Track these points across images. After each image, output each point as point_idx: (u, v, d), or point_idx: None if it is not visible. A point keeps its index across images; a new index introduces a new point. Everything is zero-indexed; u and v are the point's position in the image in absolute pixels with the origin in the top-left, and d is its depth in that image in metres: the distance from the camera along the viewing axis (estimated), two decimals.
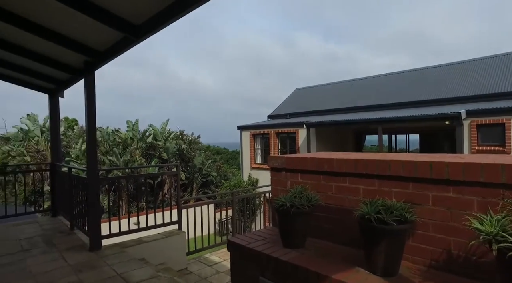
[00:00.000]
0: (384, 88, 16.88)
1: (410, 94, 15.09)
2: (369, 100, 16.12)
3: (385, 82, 17.52)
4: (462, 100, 13.17)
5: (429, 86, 15.01)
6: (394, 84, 16.84)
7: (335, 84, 20.54)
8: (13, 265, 3.68)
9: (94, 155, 4.23)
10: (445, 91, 14.19)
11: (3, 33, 3.95)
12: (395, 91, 15.98)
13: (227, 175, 23.82)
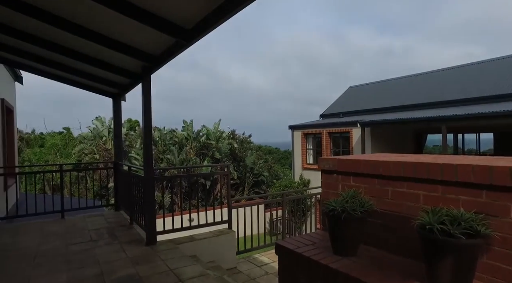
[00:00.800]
0: (448, 83, 15.43)
1: (481, 88, 13.58)
2: (431, 97, 14.87)
3: (449, 77, 16.02)
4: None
5: (503, 79, 13.35)
6: (459, 78, 15.31)
7: (392, 81, 19.34)
8: (84, 252, 4.04)
9: (150, 154, 4.47)
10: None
11: (75, 45, 4.36)
12: (460, 86, 14.51)
13: (279, 175, 23.79)
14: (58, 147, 19.05)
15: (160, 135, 19.66)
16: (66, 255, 3.98)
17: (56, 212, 5.87)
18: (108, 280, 3.24)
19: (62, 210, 5.89)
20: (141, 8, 3.04)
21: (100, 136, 18.66)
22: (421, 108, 14.50)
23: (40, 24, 3.69)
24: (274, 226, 13.22)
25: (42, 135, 21.59)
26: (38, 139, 19.74)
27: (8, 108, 7.00)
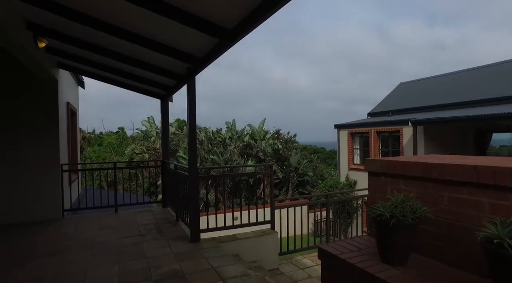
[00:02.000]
0: None
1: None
2: (495, 92, 13.45)
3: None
4: None
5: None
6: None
7: (448, 76, 17.85)
8: (134, 246, 4.27)
9: (195, 153, 4.58)
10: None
11: (127, 51, 4.62)
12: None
13: (324, 175, 23.22)
14: (114, 146, 20.55)
15: (206, 135, 20.26)
16: (118, 247, 4.23)
17: (110, 207, 6.30)
18: (154, 274, 3.37)
19: (116, 205, 6.30)
20: (185, 12, 3.11)
21: (149, 136, 19.77)
22: (483, 104, 13.18)
23: (97, 33, 3.96)
24: (318, 227, 12.91)
25: (101, 134, 23.42)
26: (98, 138, 21.47)
27: (72, 111, 7.65)
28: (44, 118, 5.79)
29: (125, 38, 3.92)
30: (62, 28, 4.32)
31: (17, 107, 5.62)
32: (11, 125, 5.58)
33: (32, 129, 5.70)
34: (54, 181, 5.81)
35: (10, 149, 5.55)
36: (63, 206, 5.91)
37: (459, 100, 14.31)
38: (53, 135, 5.85)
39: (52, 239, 4.67)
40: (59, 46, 4.96)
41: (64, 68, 6.16)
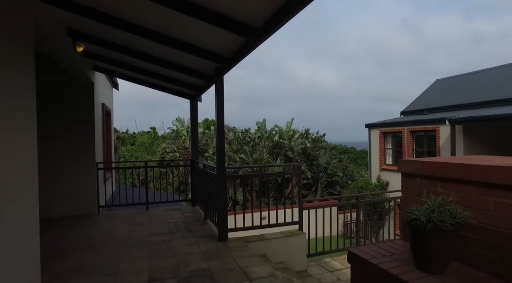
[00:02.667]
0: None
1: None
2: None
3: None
4: None
5: None
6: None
7: (489, 71, 16.72)
8: (163, 243, 4.37)
9: (223, 153, 4.60)
10: None
11: (160, 53, 4.75)
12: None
13: (354, 175, 22.65)
14: (146, 145, 21.28)
15: (234, 135, 20.44)
16: (149, 244, 4.35)
17: (142, 204, 6.51)
18: (182, 271, 3.42)
19: (147, 203, 6.50)
20: (213, 11, 3.13)
21: (179, 136, 20.26)
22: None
23: (129, 36, 4.10)
24: (348, 229, 12.60)
25: (134, 134, 24.34)
26: (131, 138, 22.36)
27: (107, 111, 8.00)
28: (82, 119, 6.09)
29: (155, 40, 4.01)
30: (98, 33, 4.51)
31: (58, 109, 5.95)
32: (52, 125, 5.92)
33: (70, 129, 6.01)
34: (91, 179, 6.09)
35: (51, 148, 5.89)
36: (98, 203, 6.19)
37: (501, 97, 13.37)
38: (90, 135, 6.14)
39: (89, 234, 4.90)
40: (95, 50, 5.18)
41: (100, 70, 6.44)
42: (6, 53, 2.59)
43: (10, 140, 2.55)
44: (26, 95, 2.89)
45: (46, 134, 5.88)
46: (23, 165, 2.81)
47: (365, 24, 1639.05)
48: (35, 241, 2.95)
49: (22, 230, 2.73)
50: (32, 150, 2.97)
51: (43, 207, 5.77)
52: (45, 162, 5.84)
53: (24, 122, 2.82)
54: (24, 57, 2.89)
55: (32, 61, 3.04)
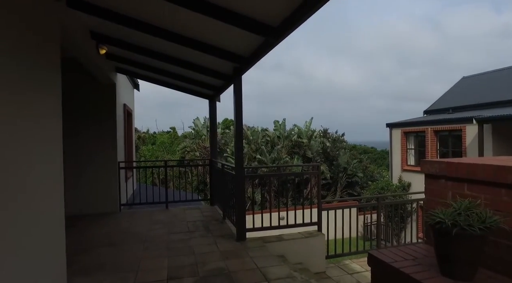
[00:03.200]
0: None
1: None
2: None
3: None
4: None
5: None
6: None
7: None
8: (182, 242, 4.42)
9: (241, 152, 4.60)
10: None
11: (180, 54, 4.81)
12: None
13: (374, 176, 22.17)
14: (166, 145, 21.68)
15: (253, 135, 20.46)
16: (168, 242, 4.41)
17: (161, 203, 6.62)
18: (201, 270, 3.45)
19: (166, 202, 6.61)
20: (230, 11, 3.13)
21: (199, 135, 20.51)
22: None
23: (149, 38, 4.17)
24: (368, 231, 12.35)
25: (155, 134, 24.84)
26: (151, 137, 22.84)
27: (128, 112, 8.20)
28: (104, 119, 6.26)
29: (175, 41, 4.06)
30: (119, 35, 4.62)
31: (81, 109, 6.14)
32: (76, 126, 6.11)
33: (93, 129, 6.19)
34: (112, 178, 6.25)
35: (76, 147, 6.08)
36: (120, 201, 6.35)
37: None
38: (111, 134, 6.30)
39: (111, 231, 5.03)
40: (117, 52, 5.31)
41: (121, 72, 6.60)
42: (35, 56, 2.69)
43: (39, 140, 2.64)
44: (53, 97, 2.99)
45: (70, 134, 6.08)
46: (51, 165, 2.91)
47: (386, 21, 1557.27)
48: (61, 238, 3.05)
49: (50, 228, 2.83)
50: (58, 151, 3.08)
51: (68, 205, 6.00)
52: (70, 161, 6.06)
53: (51, 123, 2.93)
54: (51, 60, 3.00)
55: (58, 64, 3.15)
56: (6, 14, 2.26)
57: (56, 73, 3.10)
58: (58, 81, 3.13)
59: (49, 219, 2.82)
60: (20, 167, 2.33)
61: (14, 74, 2.31)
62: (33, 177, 2.52)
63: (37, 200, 2.59)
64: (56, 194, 2.99)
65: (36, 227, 2.55)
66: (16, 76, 2.35)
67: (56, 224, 2.95)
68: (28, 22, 2.57)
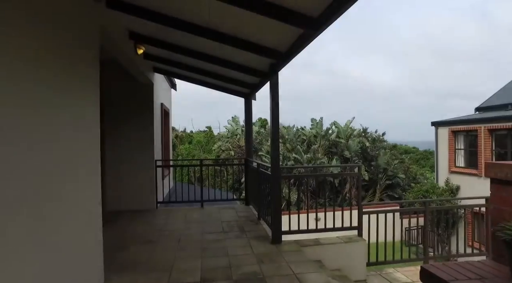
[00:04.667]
0: None
1: None
2: None
3: None
4: None
5: None
6: None
7: None
8: (216, 243, 4.34)
9: (277, 152, 4.43)
10: None
11: (216, 51, 4.75)
12: None
13: (417, 178, 20.89)
14: (202, 144, 22.06)
15: (288, 134, 20.16)
16: (202, 242, 4.36)
17: (197, 202, 6.63)
18: (235, 273, 3.33)
19: (202, 200, 6.61)
20: (268, 3, 2.96)
21: (234, 134, 20.61)
22: None
23: (186, 35, 4.14)
24: (409, 236, 11.64)
25: (192, 133, 25.41)
26: (188, 136, 23.38)
27: (165, 111, 8.35)
28: (142, 118, 6.39)
29: (212, 37, 3.98)
30: (157, 34, 4.66)
31: (120, 109, 6.32)
32: (117, 125, 6.29)
33: (131, 128, 6.34)
34: (149, 176, 6.36)
35: (116, 145, 6.26)
36: (156, 199, 6.45)
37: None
38: (149, 133, 6.42)
39: (147, 229, 5.09)
40: (154, 52, 5.38)
41: (159, 72, 6.70)
42: (76, 56, 2.72)
43: (76, 141, 2.67)
44: (91, 98, 3.02)
45: (111, 133, 6.28)
46: (89, 165, 2.94)
47: (425, 14, 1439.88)
48: (99, 237, 3.08)
49: (88, 226, 2.86)
50: (96, 151, 3.11)
51: (109, 201, 6.22)
52: (110, 159, 6.26)
53: (89, 123, 2.95)
54: (90, 61, 3.04)
55: (97, 64, 3.18)
56: (51, 14, 2.29)
57: (95, 75, 3.13)
58: (96, 81, 3.16)
59: (88, 219, 2.85)
60: (60, 168, 2.37)
61: (56, 76, 2.35)
62: (73, 178, 2.55)
63: (76, 198, 2.61)
64: (95, 196, 3.02)
65: (75, 224, 2.57)
66: (59, 77, 2.38)
67: (95, 224, 2.98)
68: (70, 23, 2.60)
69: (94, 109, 3.09)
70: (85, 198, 2.81)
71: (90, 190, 2.93)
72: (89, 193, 2.91)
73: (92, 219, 2.95)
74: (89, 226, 2.88)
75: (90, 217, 2.90)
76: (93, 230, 2.96)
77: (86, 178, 2.84)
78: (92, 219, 2.95)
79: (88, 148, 2.91)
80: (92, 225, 2.94)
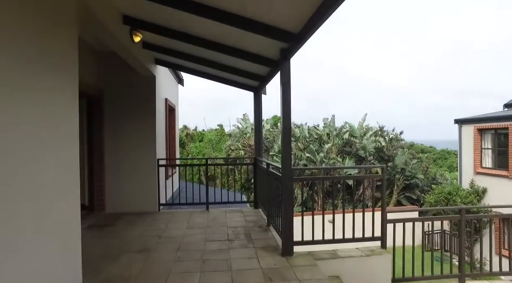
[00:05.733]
0: None
1: None
2: None
3: None
4: None
5: None
6: None
7: None
8: (219, 253, 3.83)
9: (289, 151, 3.88)
10: None
11: (221, 36, 4.23)
12: None
13: (437, 178, 19.91)
14: (213, 142, 21.62)
15: (301, 132, 19.48)
16: (203, 252, 3.85)
17: (202, 204, 6.13)
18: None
19: (207, 203, 6.11)
20: None
21: (244, 133, 20.05)
22: None
23: (185, 19, 3.64)
24: (431, 240, 10.88)
25: (203, 131, 25.04)
26: (199, 135, 22.98)
27: (170, 107, 7.89)
28: (143, 113, 5.92)
29: (215, 18, 3.45)
30: (153, 19, 4.17)
31: (120, 104, 5.87)
32: (115, 120, 5.85)
33: (131, 124, 5.88)
34: (151, 176, 5.90)
35: (115, 142, 5.82)
36: (159, 200, 5.98)
37: None
38: (150, 129, 5.95)
39: (145, 234, 4.63)
40: (154, 40, 4.91)
41: (161, 64, 6.22)
42: (50, 37, 2.25)
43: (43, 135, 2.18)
44: (68, 87, 2.54)
45: (109, 129, 5.84)
46: (66, 165, 2.48)
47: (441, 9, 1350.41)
48: (76, 246, 2.60)
49: (63, 236, 2.38)
50: (72, 146, 2.63)
51: (108, 203, 5.79)
52: (109, 158, 5.81)
53: (65, 112, 2.47)
54: (67, 42, 2.56)
55: (75, 49, 2.70)
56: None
57: (74, 59, 2.65)
58: (75, 68, 2.68)
59: (62, 227, 2.37)
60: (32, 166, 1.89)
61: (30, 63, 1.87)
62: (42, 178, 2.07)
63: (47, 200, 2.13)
64: (72, 200, 2.54)
65: (45, 236, 2.09)
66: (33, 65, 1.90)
67: (71, 232, 2.50)
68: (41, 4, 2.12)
69: (71, 102, 2.60)
70: (58, 207, 2.33)
71: (63, 193, 2.45)
72: (62, 198, 2.42)
73: (67, 230, 2.47)
74: (64, 236, 2.40)
75: (63, 228, 2.43)
76: (69, 240, 2.48)
77: (58, 179, 2.36)
78: (67, 230, 2.47)
79: (61, 142, 2.43)
80: (68, 235, 2.46)
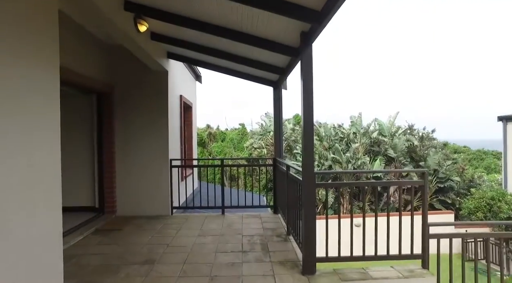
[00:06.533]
0: None
1: None
2: None
3: None
4: None
5: None
6: None
7: None
8: (231, 268, 3.36)
9: (311, 151, 3.32)
10: None
11: (235, 23, 3.77)
12: None
13: (475, 181, 18.41)
14: (234, 141, 21.27)
15: (325, 131, 18.68)
16: (213, 267, 3.38)
17: (218, 208, 5.69)
18: None
19: (223, 207, 5.66)
20: None
21: (267, 131, 19.52)
22: None
23: None
24: (471, 250, 9.92)
25: (226, 130, 24.81)
26: (221, 134, 22.75)
27: (186, 104, 7.51)
28: (155, 110, 5.55)
29: None
30: (158, 3, 3.75)
31: (131, 99, 5.54)
32: (126, 117, 5.53)
33: (142, 122, 5.53)
34: (163, 177, 5.53)
35: (125, 141, 5.50)
36: (172, 203, 5.60)
37: None
38: (163, 128, 5.57)
39: (153, 242, 4.24)
40: (162, 31, 4.51)
41: (174, 58, 5.82)
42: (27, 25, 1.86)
43: None
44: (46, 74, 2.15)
45: (120, 127, 5.52)
46: (43, 165, 2.09)
47: None
48: (55, 261, 2.21)
49: (38, 247, 1.99)
50: (53, 141, 2.24)
51: (119, 206, 5.48)
52: (119, 158, 5.49)
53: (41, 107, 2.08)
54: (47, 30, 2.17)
55: (55, 24, 2.31)
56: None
57: (53, 34, 2.26)
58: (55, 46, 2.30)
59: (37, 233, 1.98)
60: None
61: None
62: None
63: None
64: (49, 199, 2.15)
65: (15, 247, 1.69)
66: None
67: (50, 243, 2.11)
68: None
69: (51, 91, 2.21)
70: (32, 214, 1.94)
71: (38, 198, 2.05)
72: (36, 204, 2.03)
73: (44, 240, 2.08)
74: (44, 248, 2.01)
75: (38, 238, 2.03)
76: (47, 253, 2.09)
77: (31, 182, 1.96)
78: (44, 240, 2.08)
79: (36, 140, 2.04)
80: (43, 249, 2.07)
